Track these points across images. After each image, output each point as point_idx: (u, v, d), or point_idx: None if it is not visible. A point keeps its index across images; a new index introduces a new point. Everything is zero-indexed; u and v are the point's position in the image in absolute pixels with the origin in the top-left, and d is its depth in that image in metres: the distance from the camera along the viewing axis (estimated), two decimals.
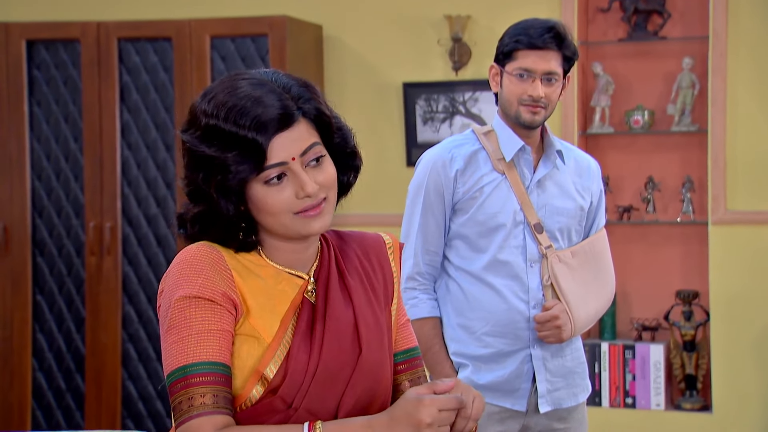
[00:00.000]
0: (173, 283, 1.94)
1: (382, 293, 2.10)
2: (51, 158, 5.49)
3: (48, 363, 5.54)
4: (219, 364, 1.90)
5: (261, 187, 1.92)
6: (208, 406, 1.86)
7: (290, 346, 1.95)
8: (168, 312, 1.93)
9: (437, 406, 1.86)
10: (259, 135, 1.88)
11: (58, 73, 5.49)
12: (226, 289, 1.93)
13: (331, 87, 5.63)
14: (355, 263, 2.09)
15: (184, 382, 1.88)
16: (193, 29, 5.34)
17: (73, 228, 5.49)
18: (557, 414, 3.30)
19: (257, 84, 1.93)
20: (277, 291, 1.99)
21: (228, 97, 1.91)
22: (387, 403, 2.04)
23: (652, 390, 5.20)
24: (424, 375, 2.16)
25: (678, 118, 5.24)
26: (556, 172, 3.30)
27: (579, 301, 3.25)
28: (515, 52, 3.19)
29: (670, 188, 5.34)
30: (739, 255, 5.12)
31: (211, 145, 1.89)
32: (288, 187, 1.93)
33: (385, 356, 2.05)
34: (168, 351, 1.91)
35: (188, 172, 1.95)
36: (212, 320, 1.91)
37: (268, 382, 1.93)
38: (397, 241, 2.18)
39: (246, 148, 1.88)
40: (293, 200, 1.94)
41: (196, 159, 1.92)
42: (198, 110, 1.94)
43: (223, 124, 1.89)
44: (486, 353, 3.26)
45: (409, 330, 2.17)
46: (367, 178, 5.47)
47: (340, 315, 2.01)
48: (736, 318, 5.12)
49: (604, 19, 5.40)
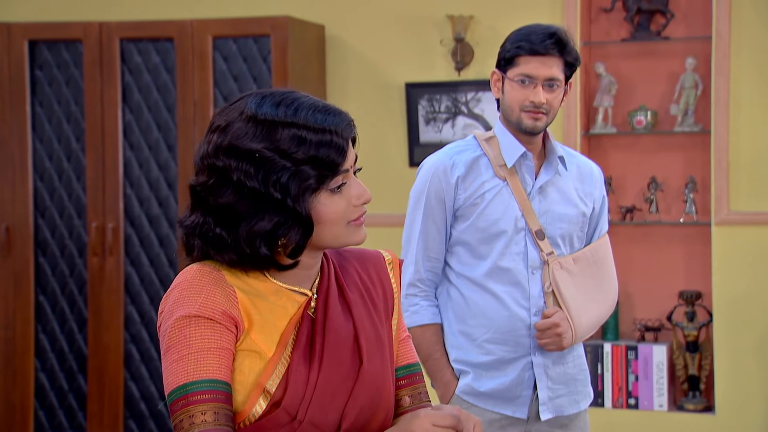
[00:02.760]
0: (173, 304, 1.94)
1: (382, 307, 2.11)
2: (53, 158, 5.49)
3: (50, 363, 5.55)
4: (219, 382, 1.90)
5: (327, 195, 1.95)
6: (209, 423, 1.87)
7: (290, 361, 1.96)
8: (167, 332, 1.93)
9: (431, 420, 1.88)
10: (342, 139, 1.93)
11: (61, 73, 5.49)
12: (226, 307, 1.93)
13: (334, 87, 5.62)
14: (354, 278, 2.10)
15: (184, 401, 1.88)
16: (195, 29, 5.33)
17: (76, 228, 5.49)
18: (559, 421, 3.30)
19: (309, 96, 1.98)
20: (278, 307, 1.99)
21: (298, 101, 1.94)
22: (390, 415, 2.05)
23: (655, 391, 5.20)
24: (425, 391, 2.16)
25: (681, 118, 5.24)
26: (558, 179, 3.30)
27: (580, 308, 3.24)
28: (517, 58, 3.18)
29: (673, 189, 5.33)
30: (742, 255, 5.11)
31: (293, 149, 1.90)
32: (345, 195, 1.97)
33: (386, 368, 2.06)
34: (168, 370, 1.92)
35: (253, 183, 1.91)
36: (212, 338, 1.91)
37: (271, 396, 1.93)
38: (397, 258, 2.18)
39: (331, 150, 1.92)
40: (351, 208, 1.98)
41: (268, 167, 1.90)
42: (268, 118, 1.92)
43: (303, 130, 1.91)
44: (487, 360, 3.25)
45: (409, 346, 2.17)
46: (370, 178, 5.51)
47: (340, 328, 2.01)
48: (739, 319, 5.12)
49: (606, 19, 5.39)
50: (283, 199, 1.91)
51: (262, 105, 1.94)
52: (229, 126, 1.95)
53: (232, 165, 1.92)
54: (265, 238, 1.93)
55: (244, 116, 1.94)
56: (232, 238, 1.94)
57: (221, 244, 1.95)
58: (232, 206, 1.93)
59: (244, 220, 1.93)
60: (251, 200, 1.92)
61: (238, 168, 1.92)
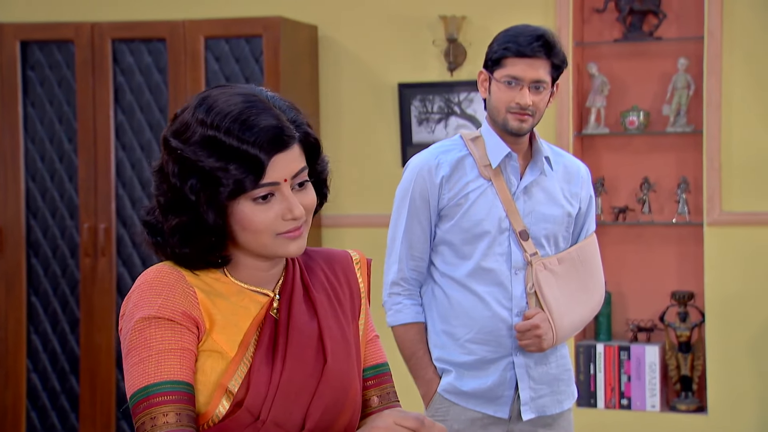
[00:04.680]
0: (133, 306, 1.94)
1: (349, 307, 2.10)
2: (45, 159, 5.49)
3: (42, 364, 5.54)
4: (181, 383, 1.89)
5: (249, 204, 1.91)
6: (171, 424, 1.86)
7: (253, 361, 1.95)
8: (128, 334, 1.93)
9: (394, 418, 1.89)
10: (261, 152, 1.88)
11: (53, 73, 5.49)
12: (186, 308, 1.93)
13: (327, 88, 5.62)
14: (320, 278, 2.09)
15: (146, 403, 1.88)
16: (187, 30, 5.33)
17: (68, 229, 5.49)
18: (542, 421, 3.30)
19: (256, 101, 1.93)
20: (240, 308, 1.98)
21: (228, 108, 1.90)
22: (356, 414, 2.05)
23: (648, 391, 5.19)
24: (393, 391, 2.16)
25: (673, 118, 5.23)
26: (543, 179, 3.29)
27: (563, 309, 3.24)
28: (504, 59, 3.17)
29: (665, 189, 5.33)
30: (735, 256, 5.11)
31: (210, 155, 1.88)
32: (274, 207, 1.93)
33: (352, 367, 2.05)
34: (129, 373, 1.91)
35: (173, 179, 1.92)
36: (172, 340, 1.91)
37: (233, 396, 1.93)
38: (365, 257, 2.17)
39: (246, 162, 1.88)
40: (278, 221, 1.93)
41: (187, 167, 1.90)
42: (192, 118, 1.92)
43: (224, 137, 1.88)
44: (469, 360, 3.25)
45: (377, 346, 2.16)
46: (363, 178, 5.54)
47: (304, 327, 2.00)
48: (731, 319, 5.11)
49: (599, 19, 5.39)
50: (196, 201, 1.91)
51: (201, 104, 1.93)
52: (175, 119, 1.96)
53: (165, 159, 1.94)
54: (180, 236, 1.94)
55: (185, 112, 1.95)
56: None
57: (160, 243, 1.98)
58: (158, 199, 1.95)
59: (167, 216, 1.94)
60: (173, 196, 1.93)
61: (168, 163, 1.93)
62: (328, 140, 5.61)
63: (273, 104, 1.94)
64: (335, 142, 5.58)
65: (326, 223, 5.58)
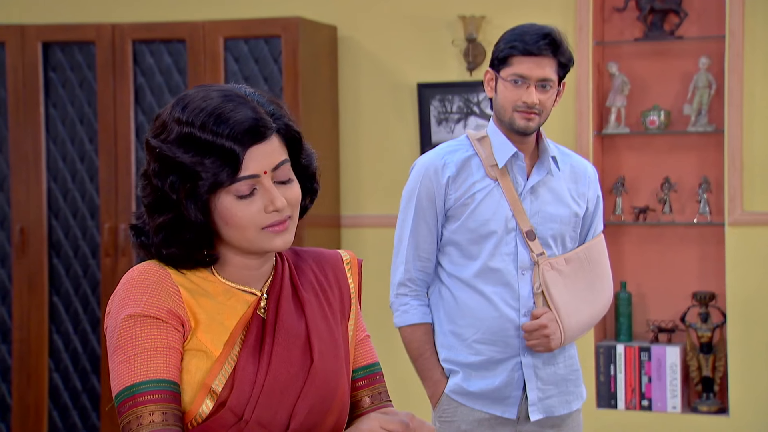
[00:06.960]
0: (119, 304, 1.94)
1: (338, 308, 2.09)
2: (66, 160, 5.52)
3: (64, 364, 5.57)
4: (167, 382, 1.89)
5: (230, 199, 1.92)
6: (157, 424, 1.86)
7: (237, 360, 1.94)
8: (114, 332, 1.92)
9: (380, 421, 1.89)
10: (236, 144, 1.88)
11: (74, 74, 5.52)
12: (171, 306, 1.93)
13: (346, 88, 5.62)
14: (310, 278, 2.08)
15: (132, 402, 1.87)
16: (207, 31, 5.34)
17: (89, 229, 5.52)
18: (550, 421, 3.29)
19: (232, 95, 1.93)
20: (227, 307, 1.98)
21: (203, 105, 1.91)
22: (344, 415, 2.04)
23: (669, 392, 5.16)
24: (385, 391, 2.15)
25: (694, 118, 5.20)
26: (550, 179, 3.28)
27: (570, 309, 3.22)
28: (510, 57, 3.17)
29: (686, 189, 5.29)
30: (756, 256, 5.07)
31: (186, 151, 1.89)
32: (257, 201, 1.93)
33: (340, 368, 2.04)
34: (115, 371, 1.91)
35: (155, 180, 1.92)
36: (158, 338, 1.90)
37: (217, 396, 1.92)
38: (356, 258, 2.16)
39: (221, 156, 1.88)
40: (261, 215, 1.93)
41: (166, 165, 1.90)
42: (170, 117, 1.92)
43: (199, 132, 1.88)
44: (476, 361, 3.24)
45: (369, 346, 2.15)
46: (382, 179, 5.53)
47: (291, 327, 2.00)
48: (753, 319, 5.07)
49: (620, 18, 5.36)
50: (177, 199, 1.91)
51: (178, 103, 1.94)
52: (157, 117, 1.97)
53: (147, 160, 1.95)
54: (165, 235, 1.94)
55: (164, 112, 1.95)
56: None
57: (145, 243, 1.98)
58: (143, 201, 1.96)
59: (152, 216, 1.95)
60: (156, 196, 1.93)
61: (148, 162, 1.94)
62: (347, 141, 5.62)
63: (251, 99, 1.94)
64: (354, 143, 5.57)
65: (345, 223, 5.58)
